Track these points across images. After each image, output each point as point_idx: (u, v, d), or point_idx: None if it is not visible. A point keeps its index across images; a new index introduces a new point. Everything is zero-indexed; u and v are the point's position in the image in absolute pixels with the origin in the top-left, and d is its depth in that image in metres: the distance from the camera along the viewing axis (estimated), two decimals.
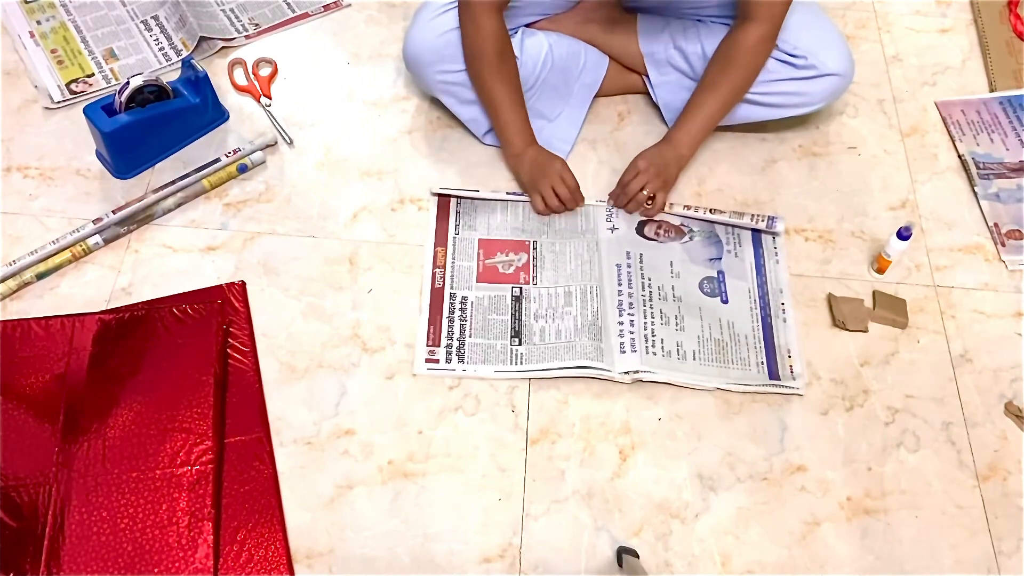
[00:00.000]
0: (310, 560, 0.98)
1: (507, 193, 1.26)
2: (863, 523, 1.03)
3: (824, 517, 1.04)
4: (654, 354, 1.12)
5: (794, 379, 1.12)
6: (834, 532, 1.03)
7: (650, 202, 1.21)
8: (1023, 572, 1.01)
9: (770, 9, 1.13)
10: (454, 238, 1.22)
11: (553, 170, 1.22)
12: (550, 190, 1.21)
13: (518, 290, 1.18)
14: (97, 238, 1.19)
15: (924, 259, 1.25)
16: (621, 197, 1.23)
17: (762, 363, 1.14)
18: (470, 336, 1.14)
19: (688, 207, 1.25)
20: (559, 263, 1.21)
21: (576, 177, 1.23)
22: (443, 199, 1.26)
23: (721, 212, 1.25)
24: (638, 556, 0.98)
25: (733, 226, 1.24)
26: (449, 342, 1.13)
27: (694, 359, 1.13)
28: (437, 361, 1.12)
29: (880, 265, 1.21)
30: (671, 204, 1.25)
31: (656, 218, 1.25)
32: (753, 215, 1.24)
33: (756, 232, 1.25)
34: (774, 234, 1.24)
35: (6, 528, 0.96)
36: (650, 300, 1.17)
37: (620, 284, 1.18)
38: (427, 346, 1.13)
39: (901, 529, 1.03)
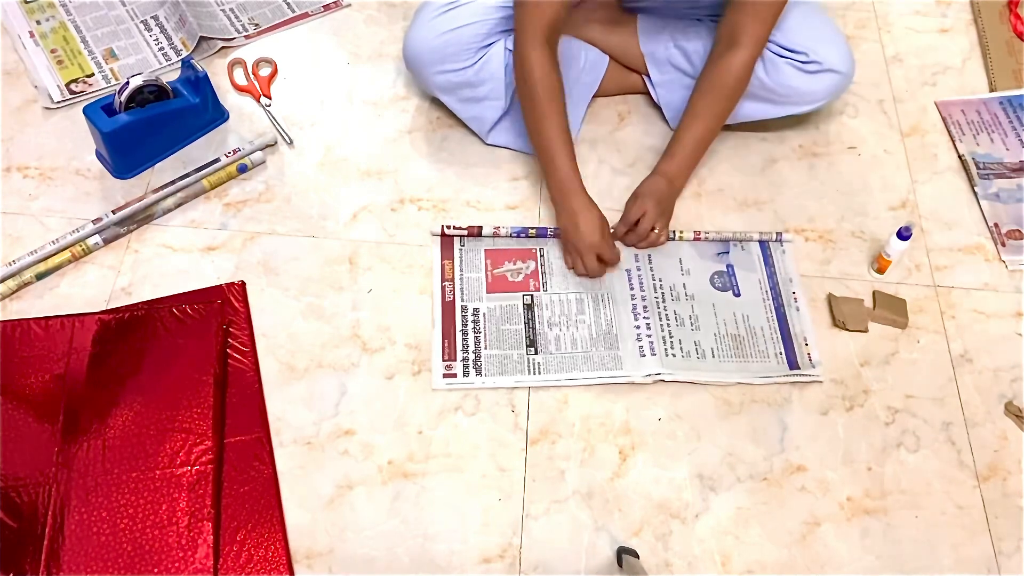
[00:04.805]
0: (310, 560, 0.98)
1: (511, 228, 1.22)
2: (863, 523, 1.03)
3: (824, 517, 1.04)
4: (673, 356, 1.12)
5: (813, 367, 1.12)
6: (834, 532, 1.03)
7: (659, 237, 1.21)
8: (1023, 572, 1.01)
9: (756, 34, 1.13)
10: (460, 250, 1.22)
11: (588, 245, 1.15)
12: (579, 262, 1.17)
13: (529, 298, 1.18)
14: (97, 238, 1.19)
15: (924, 259, 1.25)
16: (631, 236, 1.20)
17: (781, 353, 1.14)
18: (485, 348, 1.13)
19: (698, 234, 1.23)
20: (568, 270, 1.21)
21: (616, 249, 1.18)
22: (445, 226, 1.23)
23: (729, 232, 1.24)
24: (638, 556, 0.98)
25: (743, 241, 1.24)
26: (465, 355, 1.12)
27: (713, 356, 1.13)
28: (455, 376, 1.11)
29: (880, 265, 1.21)
30: (681, 232, 1.23)
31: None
32: (761, 232, 1.24)
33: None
34: (783, 243, 1.25)
35: (6, 528, 0.96)
36: (663, 302, 1.17)
37: (632, 288, 1.18)
38: (443, 361, 1.12)
39: (901, 529, 1.03)
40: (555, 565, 0.99)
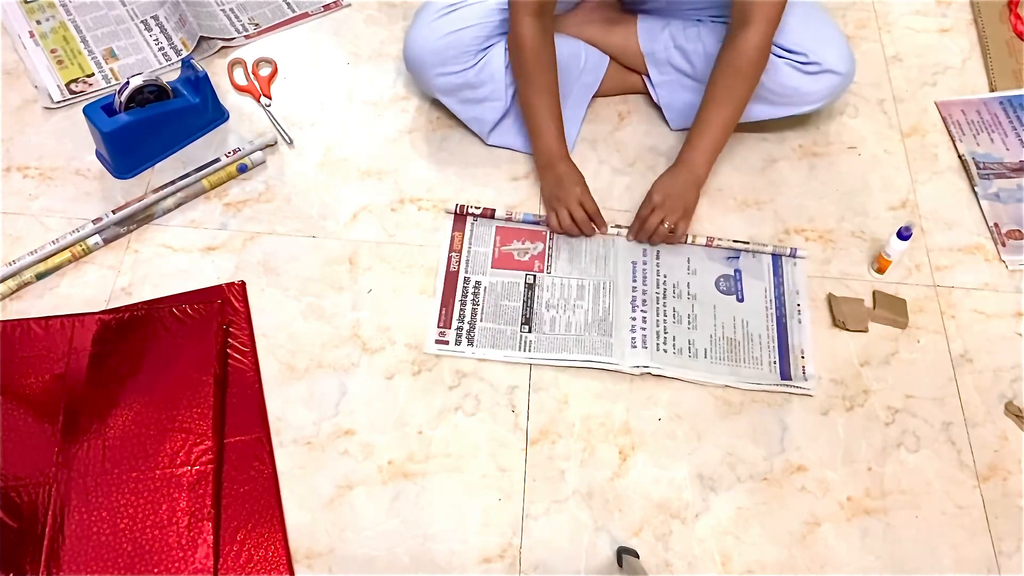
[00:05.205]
0: (310, 560, 0.98)
1: (524, 215, 1.24)
2: (863, 523, 1.03)
3: (824, 517, 1.04)
4: (664, 351, 1.13)
5: (806, 380, 1.12)
6: (834, 532, 1.03)
7: (672, 232, 1.19)
8: (1023, 572, 1.01)
9: (767, 9, 1.11)
10: (472, 224, 1.24)
11: (572, 193, 1.19)
12: (565, 212, 1.19)
13: (532, 278, 1.19)
14: (97, 238, 1.19)
15: (924, 259, 1.25)
16: (641, 233, 1.20)
17: (774, 363, 1.14)
18: (481, 320, 1.15)
19: (711, 239, 1.22)
20: (574, 255, 1.22)
21: (596, 203, 1.21)
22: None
23: (744, 243, 1.23)
24: (638, 556, 0.98)
25: (755, 252, 1.23)
26: (460, 324, 1.14)
27: (705, 357, 1.13)
28: (447, 343, 1.13)
29: (880, 265, 1.21)
30: (693, 236, 1.23)
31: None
32: (775, 246, 1.23)
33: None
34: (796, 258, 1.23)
35: (6, 528, 0.96)
36: (664, 297, 1.18)
37: (635, 281, 1.19)
38: (438, 327, 1.14)
39: (901, 529, 1.03)
40: (555, 565, 0.99)
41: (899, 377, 1.14)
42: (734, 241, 1.23)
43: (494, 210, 1.24)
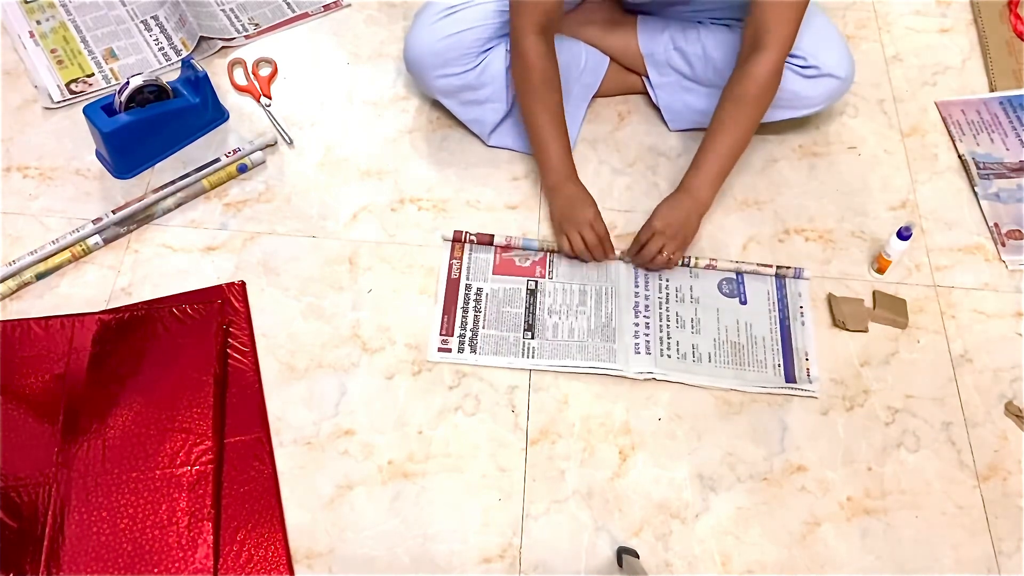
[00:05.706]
0: (310, 560, 0.98)
1: (523, 239, 1.22)
2: (863, 523, 1.03)
3: (824, 517, 1.04)
4: (668, 356, 1.13)
5: (810, 382, 1.12)
6: (834, 532, 1.03)
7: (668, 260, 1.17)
8: (1023, 572, 1.01)
9: (780, 35, 1.09)
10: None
11: (583, 217, 1.16)
12: (577, 235, 1.17)
13: (533, 283, 1.19)
14: (97, 238, 1.19)
15: (924, 259, 1.25)
16: (638, 259, 1.18)
17: (779, 365, 1.14)
18: (483, 327, 1.14)
19: (713, 260, 1.20)
20: (576, 260, 1.21)
21: (606, 226, 1.18)
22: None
23: (747, 264, 1.21)
24: (638, 556, 0.98)
25: (760, 274, 1.21)
26: (462, 332, 1.14)
27: (709, 361, 1.13)
28: (449, 350, 1.13)
29: (880, 265, 1.21)
30: (695, 259, 1.21)
31: None
32: (779, 267, 1.21)
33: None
34: (800, 280, 1.21)
35: (6, 528, 0.96)
36: (667, 302, 1.18)
37: (637, 286, 1.19)
38: (440, 335, 1.14)
39: (901, 529, 1.03)
40: (555, 565, 0.99)
41: (899, 377, 1.14)
42: (737, 271, 1.21)
43: (492, 236, 1.22)
